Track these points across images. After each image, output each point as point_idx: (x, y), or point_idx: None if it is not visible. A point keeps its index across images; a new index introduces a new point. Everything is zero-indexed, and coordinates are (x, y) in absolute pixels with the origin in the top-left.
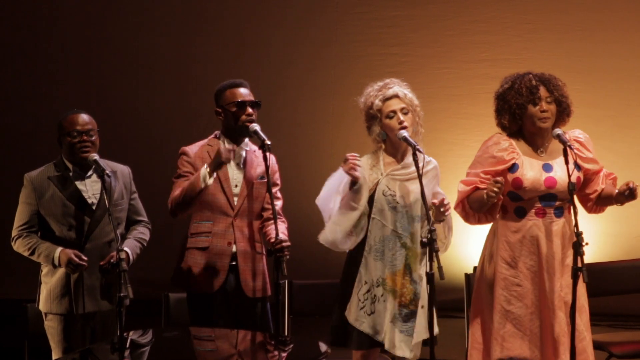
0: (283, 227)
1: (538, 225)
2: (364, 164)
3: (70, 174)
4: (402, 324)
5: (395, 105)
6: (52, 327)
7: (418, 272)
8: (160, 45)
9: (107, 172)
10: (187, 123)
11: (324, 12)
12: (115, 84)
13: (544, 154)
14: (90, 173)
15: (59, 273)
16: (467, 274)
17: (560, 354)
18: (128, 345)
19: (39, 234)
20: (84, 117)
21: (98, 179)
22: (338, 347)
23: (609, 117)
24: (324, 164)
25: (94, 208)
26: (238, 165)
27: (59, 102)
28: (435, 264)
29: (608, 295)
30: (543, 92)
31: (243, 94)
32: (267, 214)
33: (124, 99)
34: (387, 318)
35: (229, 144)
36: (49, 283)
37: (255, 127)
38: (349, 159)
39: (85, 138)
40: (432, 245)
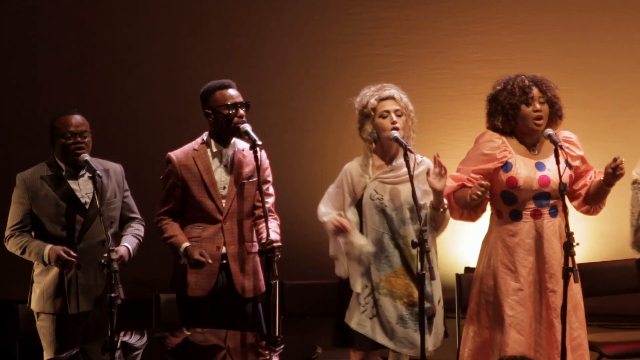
0: (275, 224)
1: (535, 227)
2: (354, 169)
3: (63, 174)
4: (414, 324)
5: (390, 106)
6: (44, 327)
7: (415, 271)
8: (152, 46)
9: (97, 172)
10: (178, 123)
11: (316, 13)
12: (107, 84)
13: (537, 154)
14: (83, 172)
15: (53, 272)
16: (458, 274)
17: (562, 354)
18: (119, 346)
19: (33, 234)
20: (78, 118)
21: (91, 179)
22: (340, 347)
23: (603, 117)
24: (316, 166)
25: (87, 207)
26: (225, 167)
27: (51, 102)
28: (427, 264)
29: (599, 296)
30: (536, 92)
31: (233, 96)
32: (258, 212)
33: (116, 99)
34: (392, 321)
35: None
36: (42, 282)
37: (247, 127)
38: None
39: (79, 139)
40: (422, 246)
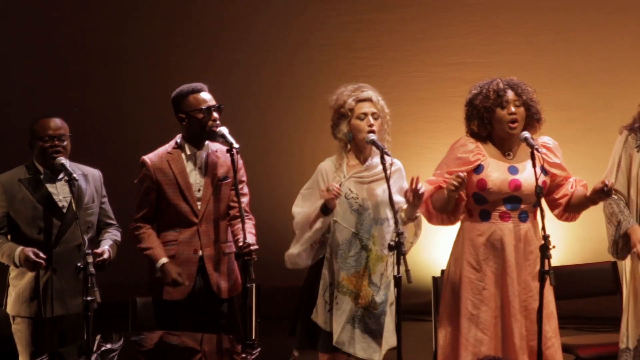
0: (250, 225)
1: (502, 229)
2: (328, 168)
3: (42, 177)
4: (363, 325)
5: (367, 109)
6: (19, 330)
7: (379, 274)
8: (130, 51)
9: (74, 175)
10: (158, 127)
11: (294, 16)
12: (88, 89)
13: (512, 158)
14: (62, 176)
15: (29, 276)
16: (434, 277)
17: (519, 357)
18: (95, 350)
19: (9, 237)
20: (57, 121)
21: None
22: (305, 349)
23: (577, 119)
24: (294, 168)
25: (64, 211)
26: (200, 169)
27: (31, 106)
28: (403, 267)
29: (575, 298)
30: (511, 95)
31: (207, 99)
32: (233, 212)
33: (96, 104)
34: (343, 319)
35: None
36: (18, 286)
37: (223, 130)
38: (333, 190)
39: (57, 143)
40: (399, 248)
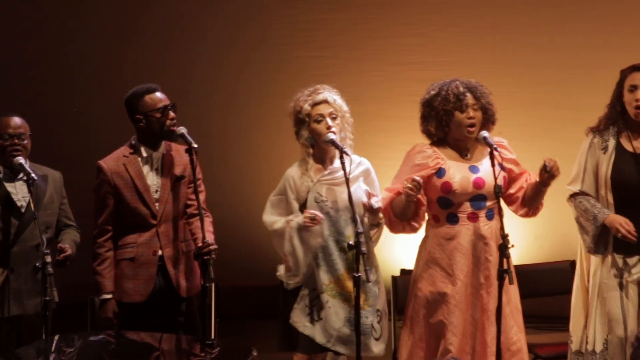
0: (208, 222)
1: (472, 230)
2: (295, 173)
3: (1, 176)
4: (364, 327)
5: (324, 110)
6: None
7: (362, 272)
8: (91, 50)
9: (32, 175)
10: (117, 128)
11: (253, 16)
12: (46, 89)
13: (469, 158)
14: (21, 175)
15: None
16: (394, 277)
17: (492, 357)
18: (53, 350)
19: None
20: (17, 120)
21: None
22: (285, 350)
23: (538, 118)
24: (254, 167)
25: (23, 211)
26: (156, 170)
27: None
28: (362, 267)
29: (534, 297)
30: (470, 99)
31: (162, 99)
32: (191, 210)
33: (55, 104)
34: (338, 323)
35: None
36: None
37: (182, 130)
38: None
39: (17, 141)
40: (358, 248)
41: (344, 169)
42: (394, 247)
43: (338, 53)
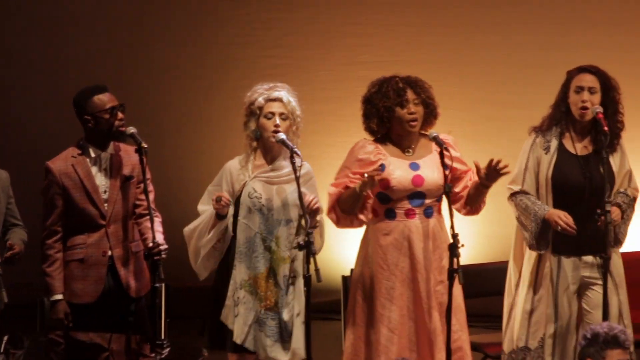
0: (157, 222)
1: (409, 227)
2: (233, 166)
3: None
4: (269, 329)
5: (276, 109)
6: None
7: (282, 276)
8: (41, 49)
9: None
10: (63, 127)
11: (205, 15)
12: None
13: (411, 154)
14: None
15: None
16: (344, 276)
17: (436, 354)
18: (2, 351)
19: None
20: None
21: None
22: (215, 349)
23: (490, 117)
24: (204, 167)
25: None
26: (105, 171)
27: None
28: (313, 267)
29: (483, 297)
30: (410, 94)
31: (111, 100)
32: (140, 210)
33: (2, 104)
34: (251, 320)
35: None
36: None
37: (132, 130)
38: (222, 201)
39: None
40: (309, 248)
41: (295, 170)
42: (344, 247)
43: (288, 53)
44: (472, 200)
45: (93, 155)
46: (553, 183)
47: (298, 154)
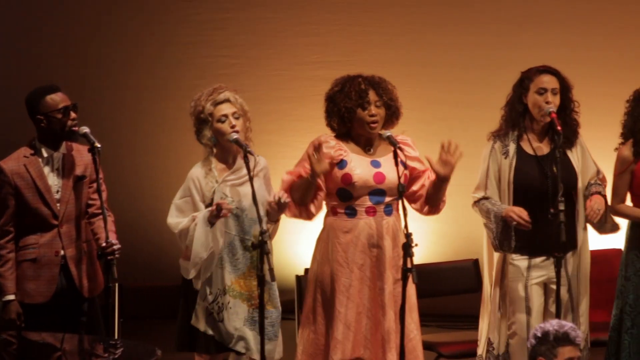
0: (110, 222)
1: (369, 224)
2: (199, 174)
3: None
4: (260, 327)
5: (227, 110)
6: None
7: (267, 270)
8: None
9: None
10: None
11: (160, 15)
12: None
13: (372, 153)
14: None
15: None
16: (297, 276)
17: (388, 353)
18: None
19: None
20: None
21: None
22: (184, 351)
23: (443, 117)
24: (159, 167)
25: None
26: (57, 171)
27: None
28: (266, 266)
29: (437, 296)
30: (372, 96)
31: (64, 99)
32: (92, 210)
33: None
34: (238, 323)
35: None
36: None
37: (85, 129)
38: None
39: None
40: (263, 247)
41: (248, 169)
42: (298, 246)
43: (242, 52)
44: (431, 199)
45: (45, 155)
46: (515, 186)
47: (252, 153)
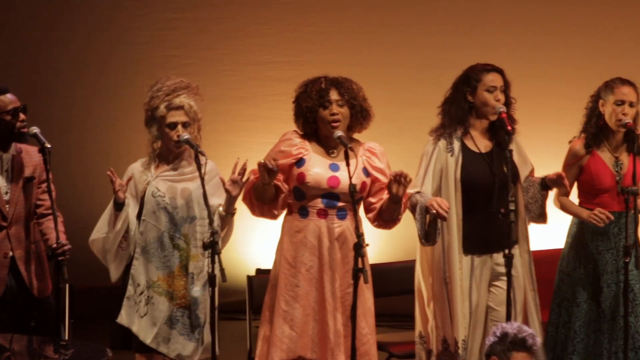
0: (60, 222)
1: (320, 226)
2: (136, 168)
3: None
4: (182, 327)
5: (179, 118)
6: None
7: (195, 273)
8: None
9: None
10: None
11: (112, 14)
12: None
13: (335, 156)
14: None
15: None
16: (249, 276)
17: (337, 356)
18: None
19: None
20: None
21: None
22: (120, 350)
23: (393, 117)
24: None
25: None
26: (6, 172)
27: None
28: (217, 266)
29: (388, 296)
30: (334, 95)
31: (13, 101)
32: (41, 211)
33: None
34: (160, 320)
35: None
36: None
37: (35, 130)
38: (120, 186)
39: None
40: (214, 247)
41: (199, 170)
42: (249, 246)
43: (195, 53)
44: (384, 215)
45: None
46: (462, 184)
47: (203, 154)
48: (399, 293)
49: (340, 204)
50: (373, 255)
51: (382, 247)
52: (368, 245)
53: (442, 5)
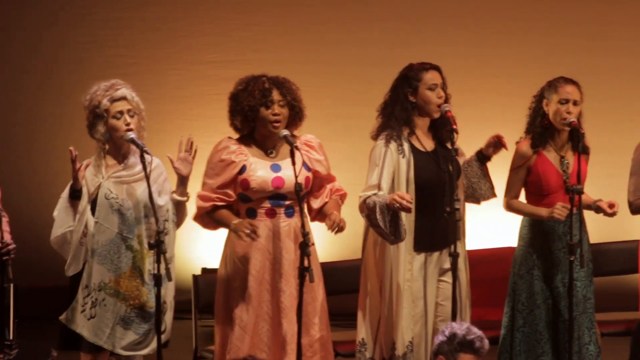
0: (4, 222)
1: (268, 226)
2: (88, 169)
3: None
4: (137, 326)
5: (123, 107)
6: None
7: (149, 273)
8: None
9: None
10: None
11: (57, 13)
12: None
13: (274, 156)
14: None
15: None
16: (195, 275)
17: (289, 355)
18: None
19: None
20: None
21: None
22: (66, 350)
23: (340, 115)
24: (55, 167)
25: None
26: None
27: None
28: (163, 266)
29: (334, 295)
30: (276, 95)
31: None
32: None
33: None
34: (111, 321)
35: None
36: None
37: None
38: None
39: None
40: (160, 247)
41: (145, 168)
42: (196, 246)
43: (139, 52)
44: (322, 217)
45: None
46: (416, 184)
47: (148, 153)
48: (345, 292)
49: (288, 202)
50: (322, 254)
51: (327, 246)
52: (314, 244)
53: (387, 3)
